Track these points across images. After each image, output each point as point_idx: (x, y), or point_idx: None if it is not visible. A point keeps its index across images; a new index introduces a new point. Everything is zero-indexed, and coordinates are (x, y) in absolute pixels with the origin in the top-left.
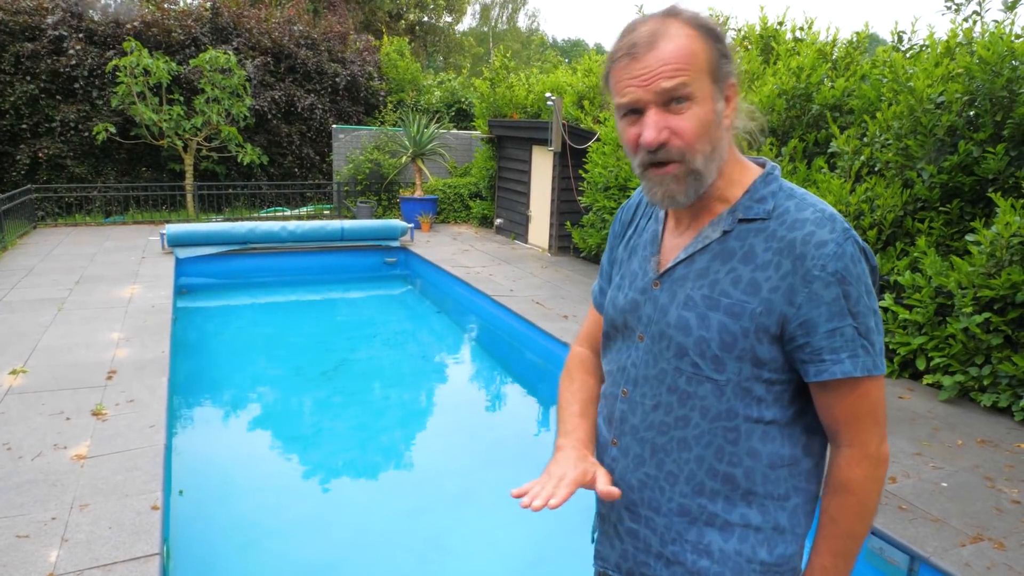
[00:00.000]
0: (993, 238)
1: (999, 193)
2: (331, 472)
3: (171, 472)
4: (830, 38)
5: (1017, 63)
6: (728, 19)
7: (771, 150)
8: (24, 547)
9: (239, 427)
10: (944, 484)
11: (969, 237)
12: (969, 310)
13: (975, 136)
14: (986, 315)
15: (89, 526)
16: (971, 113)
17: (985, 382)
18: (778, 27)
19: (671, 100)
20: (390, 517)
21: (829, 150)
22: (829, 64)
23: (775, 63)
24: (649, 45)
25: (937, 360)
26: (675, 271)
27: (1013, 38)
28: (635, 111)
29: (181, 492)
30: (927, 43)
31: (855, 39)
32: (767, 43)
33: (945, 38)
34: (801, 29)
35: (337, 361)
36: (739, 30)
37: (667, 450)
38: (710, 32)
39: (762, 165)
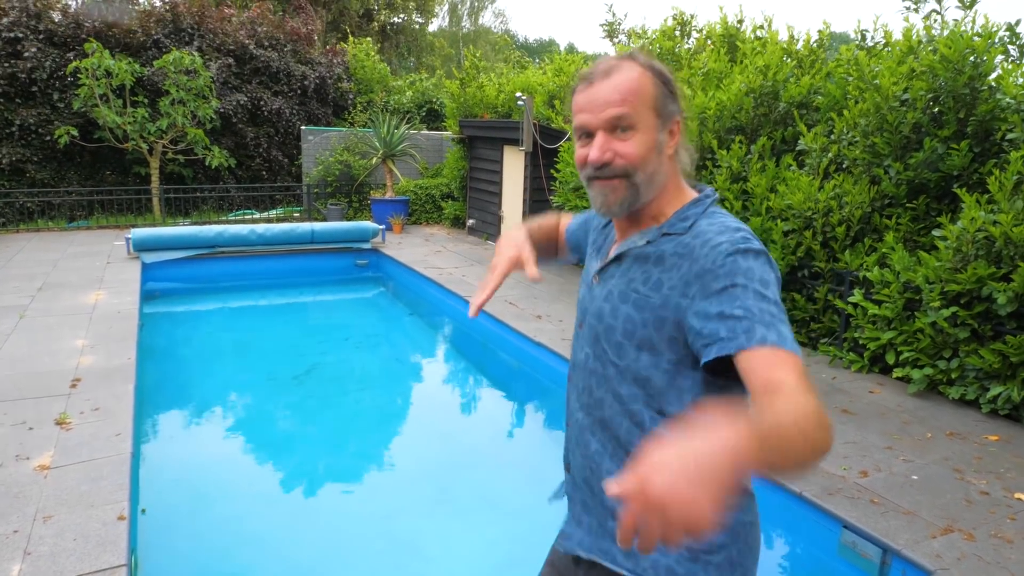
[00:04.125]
0: (959, 233)
1: (964, 189)
2: (304, 477)
3: (138, 481)
4: (791, 36)
5: (977, 60)
6: (693, 17)
7: (740, 148)
8: None
9: (209, 434)
10: (915, 477)
11: (936, 233)
12: (937, 304)
13: (939, 133)
14: (953, 309)
15: (53, 538)
16: (935, 110)
17: (953, 375)
18: (738, 26)
19: (616, 127)
20: (365, 521)
21: (797, 147)
22: (795, 62)
23: (742, 62)
24: (604, 75)
25: (906, 354)
26: (608, 269)
27: (973, 36)
28: (587, 134)
29: (144, 510)
30: (886, 41)
31: (819, 37)
32: (731, 42)
33: (901, 37)
34: (760, 28)
35: (309, 365)
36: (701, 30)
37: (592, 431)
38: (659, 75)
39: (700, 191)
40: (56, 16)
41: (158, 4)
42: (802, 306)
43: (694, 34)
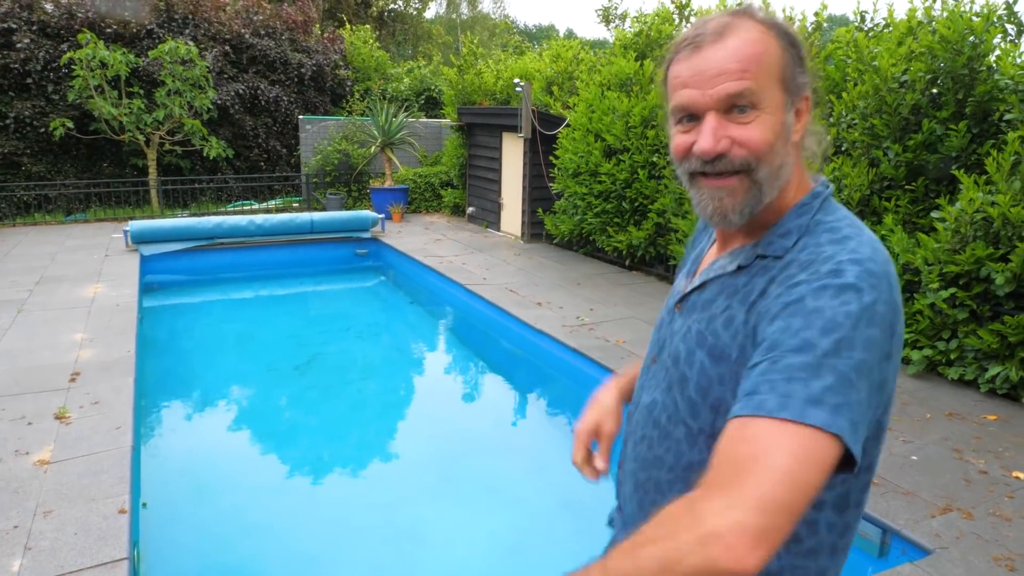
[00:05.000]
0: (957, 214)
1: (962, 170)
2: (307, 467)
3: (139, 474)
4: (788, 20)
5: (976, 41)
6: (689, 2)
7: None
8: None
9: (211, 425)
10: (914, 457)
11: (934, 214)
12: (935, 286)
13: (938, 114)
14: (952, 290)
15: (54, 533)
16: (934, 91)
17: (952, 356)
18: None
19: (733, 107)
20: (367, 510)
21: None
22: None
23: None
24: (716, 36)
25: (905, 336)
26: (690, 298)
27: (972, 16)
28: (691, 116)
29: (145, 504)
30: (888, 22)
31: (816, 20)
32: None
33: (905, 17)
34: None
35: (310, 355)
36: (698, 13)
37: (646, 489)
38: (786, 35)
39: (814, 185)
40: (49, 7)
41: None
42: None
43: (692, 18)
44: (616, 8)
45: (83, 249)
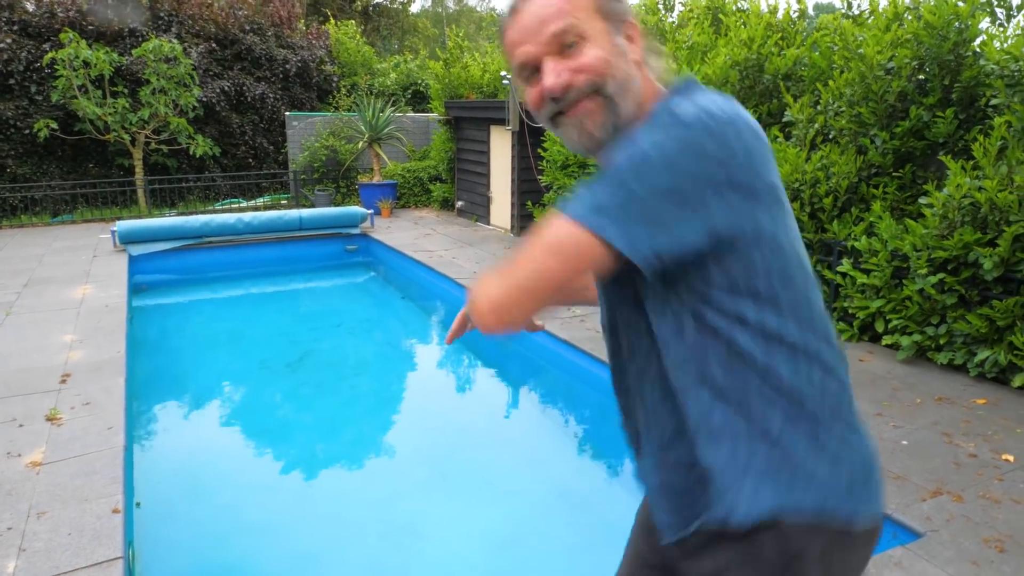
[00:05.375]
0: (945, 200)
1: (949, 156)
2: (301, 464)
3: (132, 474)
4: (773, 8)
5: (962, 26)
6: None
7: None
8: None
9: (204, 424)
10: (904, 442)
11: (922, 200)
12: (924, 272)
13: (925, 101)
14: (940, 276)
15: (48, 534)
16: (920, 78)
17: (941, 341)
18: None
19: (562, 45)
20: (363, 506)
21: (784, 119)
22: (779, 34)
23: (726, 35)
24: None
25: (895, 322)
26: None
27: (957, 1)
28: (533, 70)
29: (139, 504)
30: (873, 9)
31: (799, 8)
32: (715, 15)
33: (890, 3)
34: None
35: (302, 352)
36: (684, 3)
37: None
38: None
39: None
40: (30, 6)
41: None
42: None
43: (678, 7)
44: None
45: (70, 250)
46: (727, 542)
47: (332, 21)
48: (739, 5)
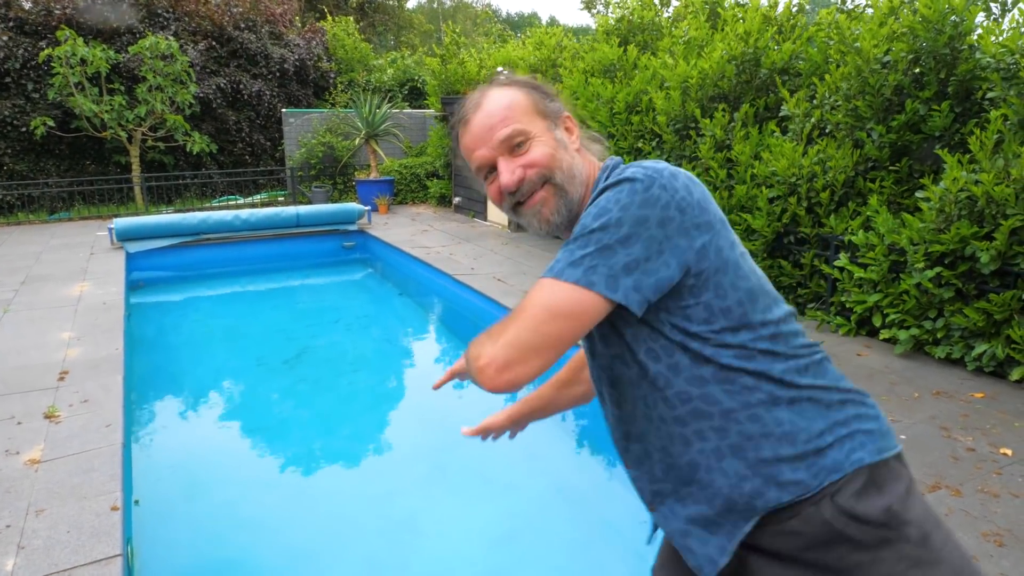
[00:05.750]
0: (942, 194)
1: (945, 150)
2: (299, 461)
3: (131, 471)
4: (772, 2)
5: (957, 20)
6: None
7: (723, 116)
8: None
9: (202, 420)
10: (903, 436)
11: (919, 194)
12: (921, 266)
13: (921, 95)
14: (937, 269)
15: (47, 531)
16: (916, 71)
17: (939, 335)
18: None
19: (512, 145)
20: (361, 502)
21: (780, 114)
22: (775, 28)
23: (723, 29)
24: (477, 108)
25: (892, 316)
26: None
27: None
28: (490, 169)
29: (137, 501)
30: (870, 3)
31: (799, 2)
32: (713, 9)
33: None
34: None
35: (300, 349)
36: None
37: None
38: (526, 84)
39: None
40: (26, 4)
41: None
42: (789, 272)
43: (674, 2)
44: None
45: (68, 248)
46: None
47: (329, 18)
48: (738, 0)
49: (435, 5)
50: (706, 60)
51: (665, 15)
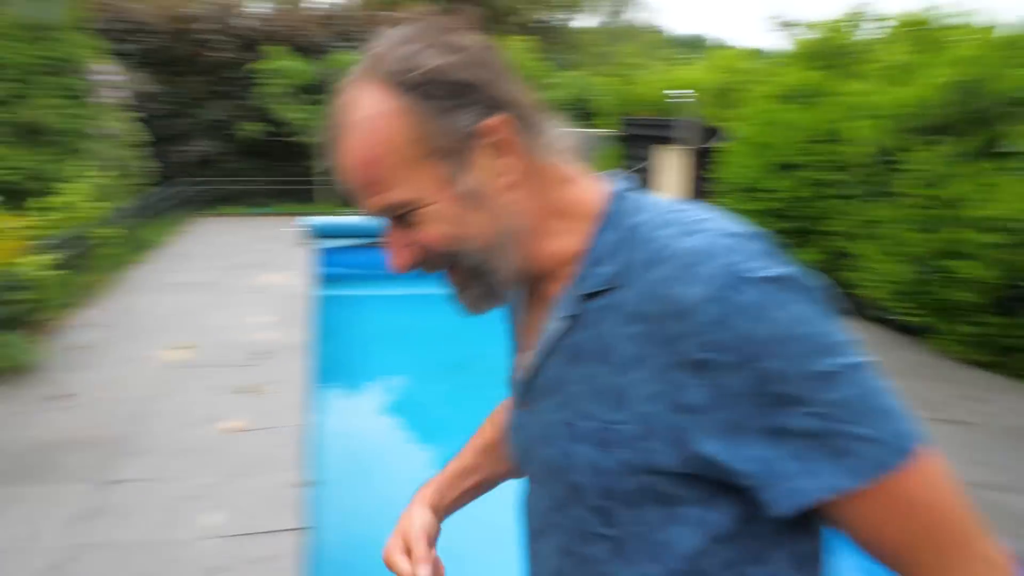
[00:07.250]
0: None
1: None
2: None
3: (317, 452)
4: (995, 23)
5: None
6: (869, 5)
7: (934, 149)
8: (182, 508)
9: (374, 412)
10: None
11: None
12: None
13: None
14: None
15: (242, 495)
16: None
17: None
18: (931, 13)
19: (392, 216)
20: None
21: (1004, 148)
22: (1006, 52)
23: (936, 52)
24: (337, 136)
25: None
26: (534, 384)
27: None
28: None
29: (316, 481)
30: None
31: None
32: (921, 31)
33: None
34: (957, 15)
35: (468, 355)
36: (881, 19)
37: None
38: (411, 87)
39: (609, 192)
40: (242, 21)
41: (334, 8)
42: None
43: (872, 24)
44: (784, 16)
45: (263, 240)
46: None
47: (507, 37)
48: (953, 20)
49: (607, 27)
50: (912, 87)
51: (862, 37)
